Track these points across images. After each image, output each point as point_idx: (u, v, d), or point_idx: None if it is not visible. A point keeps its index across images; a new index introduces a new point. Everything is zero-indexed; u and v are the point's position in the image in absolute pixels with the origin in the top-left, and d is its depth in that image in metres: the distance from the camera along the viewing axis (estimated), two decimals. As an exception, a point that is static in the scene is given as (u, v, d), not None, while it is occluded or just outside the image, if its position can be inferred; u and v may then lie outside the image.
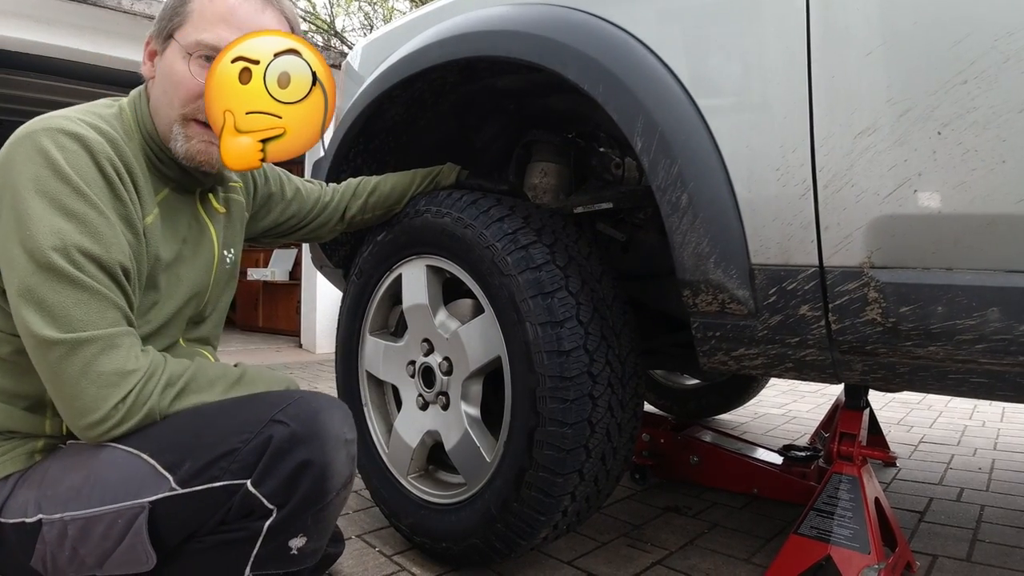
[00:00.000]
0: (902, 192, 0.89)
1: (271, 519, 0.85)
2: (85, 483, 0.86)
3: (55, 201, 0.84)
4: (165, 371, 0.90)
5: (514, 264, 1.26)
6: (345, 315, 1.71)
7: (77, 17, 4.39)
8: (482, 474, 1.36)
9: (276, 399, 0.90)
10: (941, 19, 0.86)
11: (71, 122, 0.89)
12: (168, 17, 1.01)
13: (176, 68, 0.99)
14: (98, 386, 0.84)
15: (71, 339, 0.83)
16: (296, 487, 0.84)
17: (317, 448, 0.85)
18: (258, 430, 0.85)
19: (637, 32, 1.15)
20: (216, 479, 0.84)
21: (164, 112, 1.00)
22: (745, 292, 1.03)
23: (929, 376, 0.94)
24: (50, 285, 0.83)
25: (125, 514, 0.84)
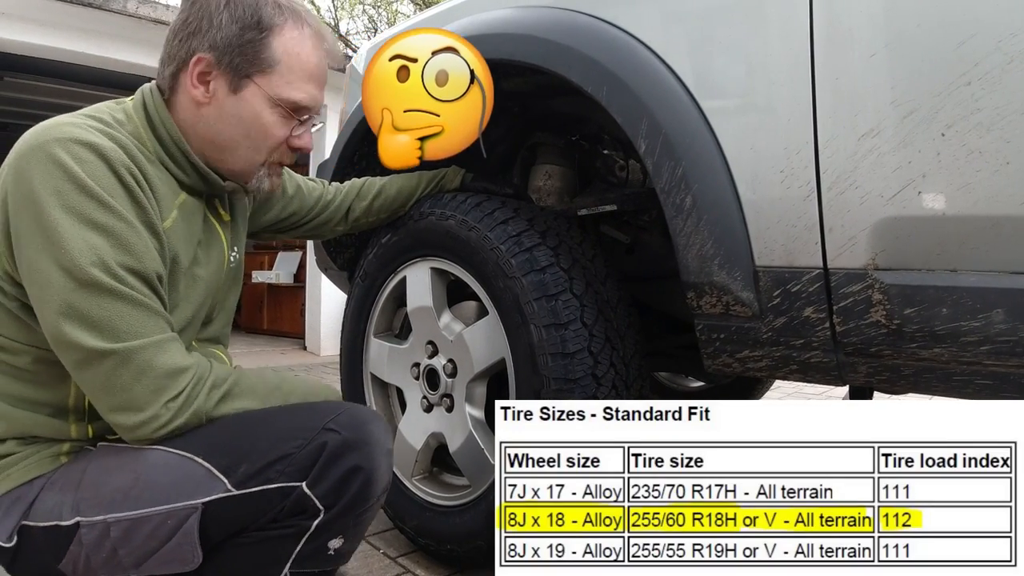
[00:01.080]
0: (906, 194, 0.89)
1: (319, 518, 0.89)
2: (134, 485, 0.87)
3: (82, 216, 0.84)
4: (211, 374, 0.92)
5: (518, 266, 1.26)
6: (349, 317, 1.72)
7: (82, 21, 4.42)
8: (486, 476, 1.36)
9: (326, 409, 0.95)
10: (945, 20, 0.86)
11: (82, 130, 0.88)
12: (242, 52, 0.98)
13: (265, 118, 1.01)
14: (150, 389, 0.86)
15: (123, 348, 0.84)
16: (345, 490, 0.89)
17: (366, 455, 0.91)
18: (312, 436, 0.89)
19: (640, 35, 1.15)
20: (271, 481, 0.87)
21: (247, 154, 1.03)
22: (749, 294, 1.03)
23: (934, 378, 0.94)
24: (94, 300, 0.84)
25: (176, 514, 0.86)
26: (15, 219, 0.85)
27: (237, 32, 0.97)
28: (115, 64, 4.81)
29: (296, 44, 1.01)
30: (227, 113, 1.00)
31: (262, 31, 0.98)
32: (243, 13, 0.98)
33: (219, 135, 1.01)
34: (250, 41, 0.98)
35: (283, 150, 1.06)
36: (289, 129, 1.03)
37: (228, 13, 0.97)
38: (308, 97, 1.03)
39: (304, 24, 1.02)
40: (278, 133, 1.03)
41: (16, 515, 0.89)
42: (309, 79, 1.03)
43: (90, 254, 0.83)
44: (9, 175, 0.86)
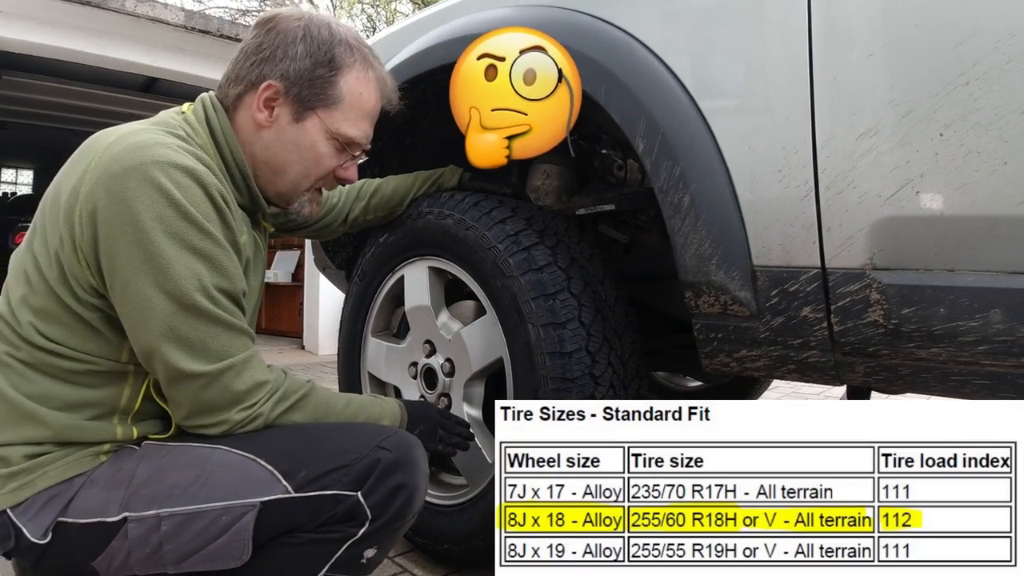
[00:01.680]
0: (904, 194, 0.89)
1: (364, 528, 0.94)
2: (194, 482, 0.90)
3: (184, 242, 0.89)
4: (283, 387, 0.99)
5: (516, 266, 1.26)
6: (347, 317, 1.71)
7: (81, 19, 4.41)
8: (484, 475, 1.36)
9: (378, 429, 1.03)
10: (943, 21, 0.86)
11: (175, 151, 0.91)
12: (311, 86, 1.02)
13: (321, 149, 1.06)
14: (230, 402, 0.93)
15: (214, 370, 0.91)
16: (391, 504, 0.95)
17: (411, 475, 0.97)
18: (367, 452, 0.95)
19: (639, 34, 1.15)
20: (328, 487, 0.92)
21: (293, 178, 1.08)
22: (747, 294, 1.03)
23: (931, 378, 0.94)
24: (193, 323, 0.89)
25: (232, 511, 0.89)
26: (111, 240, 0.87)
27: (310, 66, 1.02)
28: (113, 63, 4.80)
29: (361, 85, 1.06)
30: (286, 139, 1.05)
31: (333, 69, 1.03)
32: (317, 49, 1.02)
33: (274, 157, 1.06)
34: (320, 77, 1.03)
35: (328, 179, 1.11)
36: (339, 161, 1.09)
37: (304, 47, 1.02)
38: (363, 135, 1.09)
39: (370, 68, 1.08)
40: (329, 163, 1.08)
41: (53, 512, 0.90)
42: (365, 118, 1.09)
43: (193, 280, 0.89)
44: (100, 192, 0.87)
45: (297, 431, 0.99)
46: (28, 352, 0.92)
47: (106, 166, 0.88)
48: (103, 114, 7.06)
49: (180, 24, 4.83)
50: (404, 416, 1.17)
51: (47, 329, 0.91)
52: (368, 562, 0.98)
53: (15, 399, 0.91)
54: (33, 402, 0.91)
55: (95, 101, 6.75)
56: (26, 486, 0.90)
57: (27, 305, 0.92)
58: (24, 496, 0.89)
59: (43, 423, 0.91)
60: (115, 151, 0.89)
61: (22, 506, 0.89)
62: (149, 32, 4.63)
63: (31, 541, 0.89)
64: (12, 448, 0.90)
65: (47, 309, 0.91)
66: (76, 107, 7.10)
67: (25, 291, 0.93)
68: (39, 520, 0.89)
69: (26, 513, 0.89)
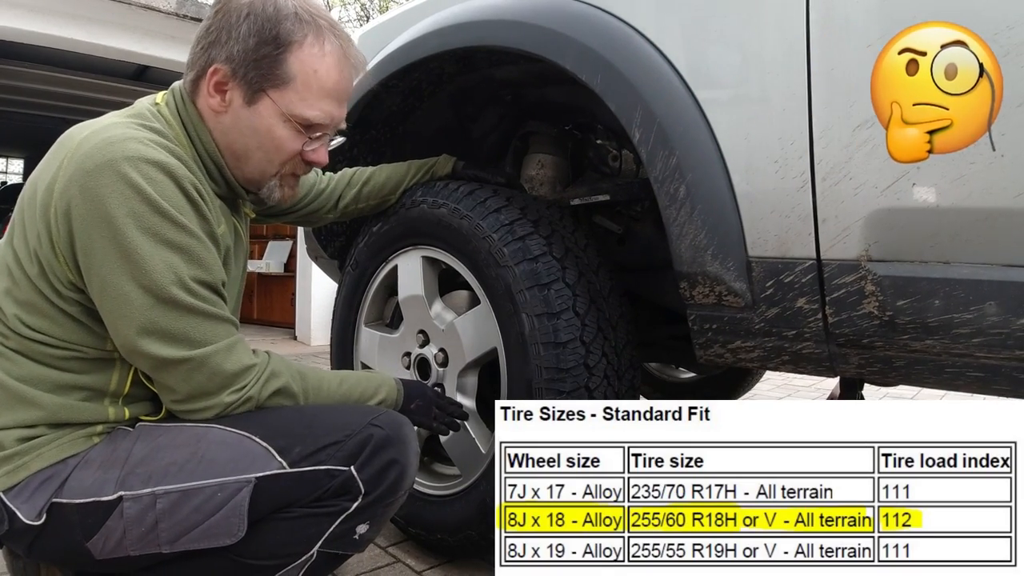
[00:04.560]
0: (900, 185, 0.89)
1: (359, 501, 0.95)
2: (190, 459, 0.92)
3: (158, 236, 0.89)
4: (270, 367, 1.00)
5: (510, 255, 1.26)
6: (340, 306, 1.71)
7: (72, 7, 4.36)
8: (477, 465, 1.36)
9: (370, 408, 1.05)
10: (939, 12, 0.86)
11: (147, 146, 0.90)
12: (256, 66, 0.98)
13: (277, 132, 1.02)
14: (220, 385, 0.94)
15: (199, 355, 0.92)
16: (383, 479, 0.96)
17: (402, 451, 0.99)
18: (360, 429, 0.97)
19: (636, 23, 1.14)
20: (323, 463, 0.94)
21: (261, 166, 1.05)
22: (742, 284, 1.03)
23: (926, 370, 0.94)
24: (172, 315, 0.90)
25: (227, 487, 0.90)
26: (86, 237, 0.88)
27: (254, 46, 0.97)
28: (105, 50, 4.75)
29: (314, 61, 1.00)
30: (243, 124, 1.02)
31: (279, 47, 0.98)
32: (262, 27, 0.97)
33: (234, 143, 1.04)
34: (266, 56, 0.98)
35: (296, 162, 1.07)
36: (301, 143, 1.04)
37: (247, 25, 0.97)
38: (323, 115, 1.03)
39: (325, 40, 1.01)
40: (290, 147, 1.04)
41: (47, 493, 0.90)
42: (325, 96, 1.02)
43: (169, 273, 0.89)
44: (74, 190, 0.87)
45: (291, 410, 1.01)
46: (16, 340, 0.92)
47: (79, 162, 0.88)
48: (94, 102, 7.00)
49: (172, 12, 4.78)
50: (401, 391, 1.18)
51: (32, 320, 0.92)
52: (361, 538, 0.99)
53: (7, 383, 0.91)
54: (24, 384, 0.91)
55: (86, 89, 6.69)
56: (20, 468, 0.90)
57: (11, 297, 0.93)
58: (18, 478, 0.90)
59: (36, 404, 0.92)
60: (87, 147, 0.89)
61: (16, 489, 0.90)
62: (140, 19, 4.59)
63: (25, 523, 0.89)
64: (6, 432, 0.91)
65: (30, 302, 0.92)
66: (67, 95, 7.04)
67: (8, 284, 0.93)
68: (33, 502, 0.90)
69: (20, 495, 0.90)
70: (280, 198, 1.11)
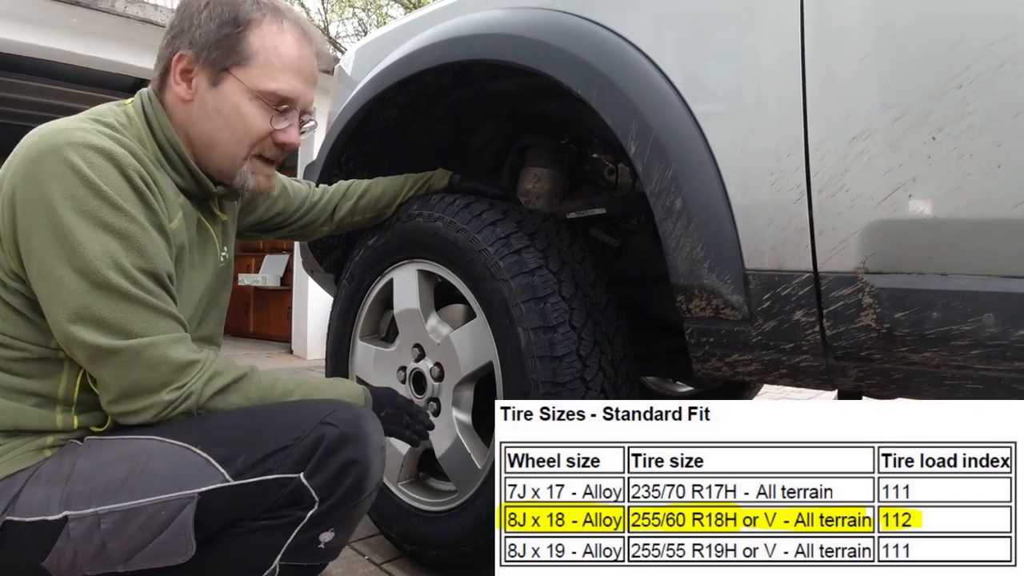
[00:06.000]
0: (897, 197, 0.89)
1: (314, 509, 0.90)
2: (130, 475, 0.88)
3: (97, 219, 0.87)
4: (213, 366, 0.95)
5: (507, 268, 1.25)
6: (335, 320, 1.70)
7: (70, 19, 4.37)
8: (473, 481, 1.35)
9: (323, 405, 0.98)
10: (936, 23, 0.86)
11: (93, 135, 0.90)
12: (219, 46, 1.00)
13: (245, 110, 1.02)
14: (159, 382, 0.90)
15: (134, 345, 0.88)
16: (340, 483, 0.91)
17: (361, 449, 0.93)
18: (310, 430, 0.92)
19: (631, 36, 1.15)
20: (270, 472, 0.89)
21: (229, 149, 1.04)
22: (739, 297, 1.03)
23: (924, 382, 0.93)
24: (107, 302, 0.87)
25: (170, 505, 0.86)
26: (26, 222, 0.88)
27: (215, 28, 1.00)
28: (103, 64, 4.76)
29: (274, 37, 1.03)
30: (209, 108, 1.02)
31: (238, 26, 1.01)
32: (221, 11, 1.01)
33: (203, 131, 1.03)
34: (227, 36, 1.01)
35: (267, 145, 1.06)
36: (269, 121, 1.04)
37: (207, 12, 1.01)
38: (287, 87, 1.03)
39: (283, 19, 1.04)
40: (258, 125, 1.03)
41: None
42: (288, 70, 1.03)
43: (106, 258, 0.87)
44: (19, 177, 0.88)
45: (235, 414, 0.96)
46: None
47: (25, 152, 0.89)
48: (91, 116, 6.99)
49: (170, 26, 4.78)
50: (368, 398, 1.14)
51: None
52: (327, 547, 0.95)
53: None
54: None
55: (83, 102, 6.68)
56: None
57: None
58: None
59: None
60: (35, 139, 0.90)
61: None
62: (138, 33, 4.59)
63: None
64: None
65: None
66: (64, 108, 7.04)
67: None
68: None
69: None
70: (255, 187, 1.08)
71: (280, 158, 1.11)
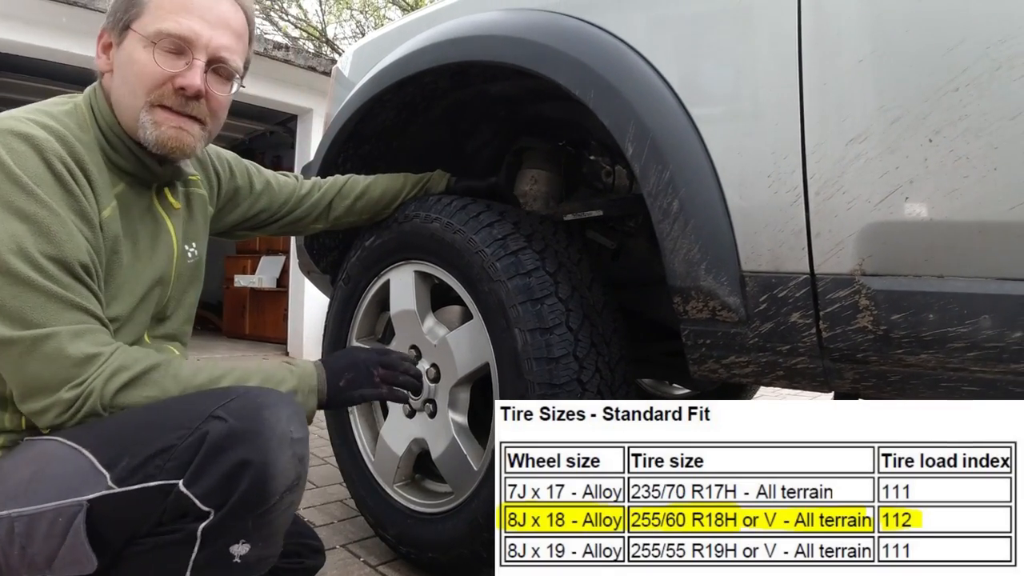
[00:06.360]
0: (893, 199, 0.89)
1: (206, 522, 0.79)
2: (32, 478, 0.84)
3: (6, 204, 0.85)
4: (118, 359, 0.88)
5: (503, 270, 1.25)
6: (332, 322, 1.69)
7: (68, 19, 4.36)
8: (469, 483, 1.34)
9: (222, 393, 0.86)
10: (933, 26, 0.86)
11: (19, 122, 0.90)
12: (123, 9, 0.99)
13: (137, 57, 0.97)
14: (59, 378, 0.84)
15: (30, 336, 0.83)
16: (234, 488, 0.79)
17: (257, 446, 0.80)
18: (196, 426, 0.81)
19: (629, 38, 1.15)
20: (152, 478, 0.80)
21: (128, 102, 0.99)
22: (736, 299, 1.03)
23: (921, 384, 0.93)
24: (8, 289, 0.83)
25: (65, 512, 0.80)
26: None
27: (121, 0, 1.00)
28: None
29: None
30: (118, 70, 1.00)
31: None
32: None
33: (115, 96, 1.01)
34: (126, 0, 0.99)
35: (166, 92, 0.98)
36: (159, 63, 0.97)
37: None
38: (176, 26, 0.97)
39: None
40: (151, 70, 0.97)
41: None
42: (181, 10, 0.98)
43: (10, 243, 0.84)
44: None
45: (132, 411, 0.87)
46: None
47: None
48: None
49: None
50: (319, 372, 1.04)
51: None
52: (244, 561, 0.82)
53: None
54: None
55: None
56: None
57: None
58: None
59: None
60: None
61: None
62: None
63: None
64: None
65: None
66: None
67: None
68: None
69: None
70: (158, 139, 0.98)
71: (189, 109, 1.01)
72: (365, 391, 1.07)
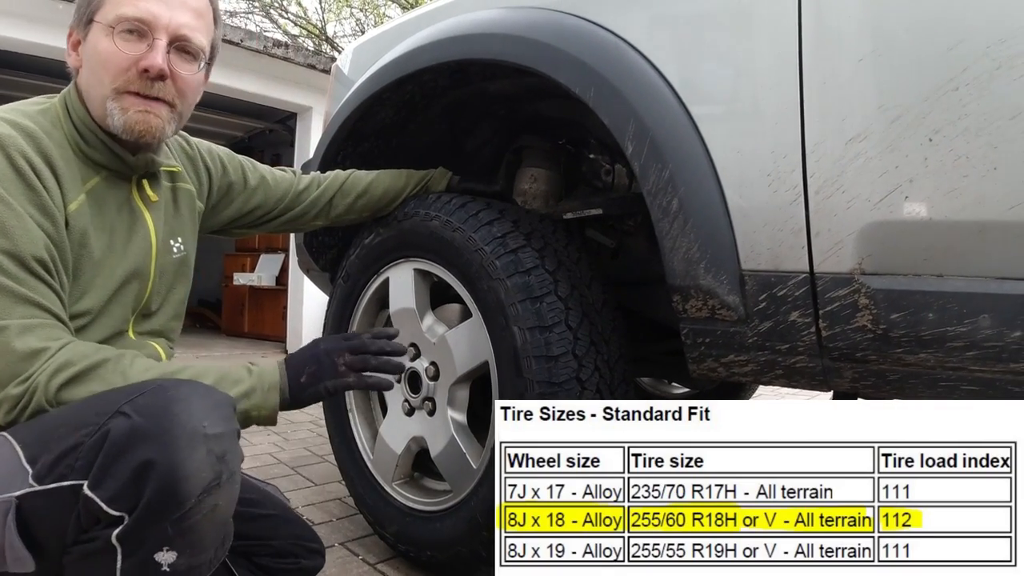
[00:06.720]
0: (893, 198, 0.89)
1: (119, 528, 0.73)
2: None
3: None
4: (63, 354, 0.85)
5: (503, 268, 1.25)
6: (331, 320, 1.69)
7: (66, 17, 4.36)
8: (468, 481, 1.34)
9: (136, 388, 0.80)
10: (933, 26, 0.86)
11: None
12: (86, 4, 1.00)
13: (101, 46, 0.98)
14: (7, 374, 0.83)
15: None
16: (141, 491, 0.72)
17: (162, 445, 0.73)
18: (101, 422, 0.75)
19: (629, 37, 1.15)
20: (64, 477, 0.75)
21: (96, 92, 0.99)
22: (735, 298, 1.03)
23: (920, 383, 0.93)
24: None
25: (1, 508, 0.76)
26: None
27: None
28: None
29: None
30: (86, 64, 1.01)
31: None
32: None
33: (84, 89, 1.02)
34: None
35: (131, 76, 0.98)
36: (121, 48, 0.97)
37: None
38: (136, 10, 0.97)
39: None
40: (114, 58, 0.97)
41: None
42: None
43: None
44: None
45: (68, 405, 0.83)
46: None
47: None
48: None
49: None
50: (278, 370, 1.00)
51: None
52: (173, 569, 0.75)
53: None
54: None
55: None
56: None
57: None
58: None
59: None
60: None
61: None
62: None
63: None
64: None
65: None
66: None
67: None
68: None
69: None
70: (125, 124, 0.98)
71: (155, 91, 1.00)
72: (328, 383, 1.02)
